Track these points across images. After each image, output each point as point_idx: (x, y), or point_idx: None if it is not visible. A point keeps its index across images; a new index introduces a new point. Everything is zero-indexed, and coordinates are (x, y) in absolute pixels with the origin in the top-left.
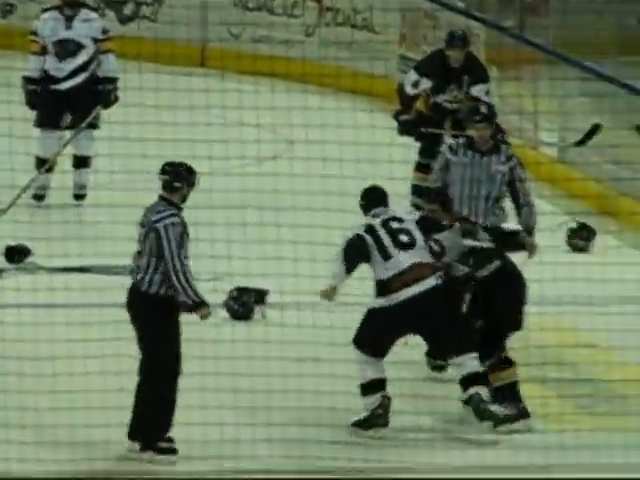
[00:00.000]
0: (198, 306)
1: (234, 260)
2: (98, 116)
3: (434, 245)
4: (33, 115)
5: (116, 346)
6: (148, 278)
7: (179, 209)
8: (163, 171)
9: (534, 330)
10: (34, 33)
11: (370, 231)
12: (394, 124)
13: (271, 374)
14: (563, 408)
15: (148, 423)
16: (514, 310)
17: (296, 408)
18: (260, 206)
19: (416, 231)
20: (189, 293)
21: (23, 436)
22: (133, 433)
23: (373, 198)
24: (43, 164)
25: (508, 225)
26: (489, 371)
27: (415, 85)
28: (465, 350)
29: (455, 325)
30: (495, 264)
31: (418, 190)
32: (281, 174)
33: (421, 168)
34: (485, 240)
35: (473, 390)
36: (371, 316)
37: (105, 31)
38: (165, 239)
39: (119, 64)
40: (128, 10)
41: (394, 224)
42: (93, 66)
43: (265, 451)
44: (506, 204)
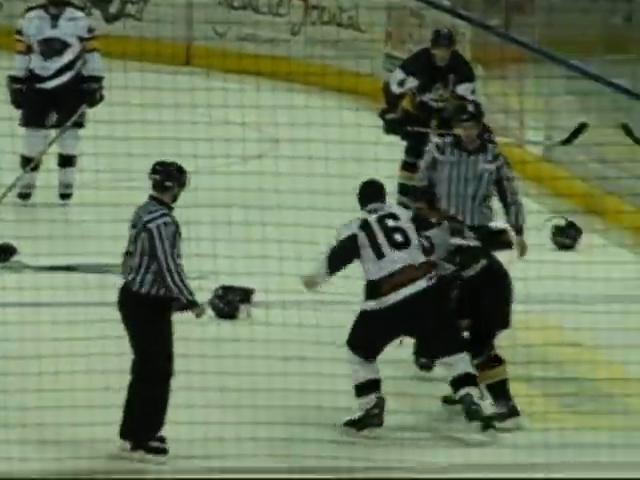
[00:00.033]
0: (192, 305)
1: (219, 259)
2: (83, 115)
3: (424, 241)
4: (18, 114)
5: (102, 345)
6: (140, 278)
7: (170, 209)
8: (154, 170)
9: (520, 329)
10: (19, 32)
11: (365, 227)
12: (380, 123)
13: (257, 373)
14: (548, 407)
15: (140, 422)
16: (501, 309)
17: (282, 407)
18: (245, 205)
19: (411, 230)
20: (184, 292)
21: (8, 435)
22: (125, 432)
23: (370, 192)
24: (28, 163)
25: (496, 224)
26: (479, 370)
27: (401, 84)
28: (455, 350)
29: (444, 325)
30: (481, 263)
31: (404, 189)
32: (266, 173)
33: (407, 167)
34: (471, 239)
35: (464, 391)
36: (363, 318)
37: (91, 30)
38: (158, 239)
39: (104, 63)
40: (114, 8)
41: (390, 222)
42: (79, 65)
43: (251, 450)
44: (494, 203)
